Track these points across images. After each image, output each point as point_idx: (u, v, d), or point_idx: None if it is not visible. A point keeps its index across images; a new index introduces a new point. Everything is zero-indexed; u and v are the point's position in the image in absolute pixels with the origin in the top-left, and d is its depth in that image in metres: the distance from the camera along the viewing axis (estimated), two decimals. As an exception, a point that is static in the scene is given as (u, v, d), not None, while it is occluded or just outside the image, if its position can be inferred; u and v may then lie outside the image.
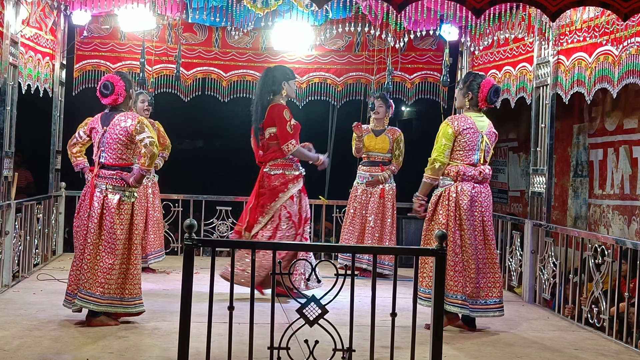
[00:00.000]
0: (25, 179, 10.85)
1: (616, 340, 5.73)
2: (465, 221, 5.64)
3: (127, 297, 5.44)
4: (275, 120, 6.60)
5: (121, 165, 5.46)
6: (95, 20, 8.87)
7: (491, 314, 5.74)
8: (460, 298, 5.60)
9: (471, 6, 5.26)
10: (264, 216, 6.64)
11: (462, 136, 5.66)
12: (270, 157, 6.69)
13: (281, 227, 6.61)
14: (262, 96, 6.70)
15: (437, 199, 5.74)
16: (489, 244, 5.73)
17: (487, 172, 5.77)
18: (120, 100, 5.51)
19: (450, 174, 5.70)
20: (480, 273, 5.69)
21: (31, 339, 5.01)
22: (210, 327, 3.80)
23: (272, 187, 6.65)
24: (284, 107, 6.63)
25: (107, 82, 5.49)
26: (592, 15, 6.31)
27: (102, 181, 5.44)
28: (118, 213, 5.41)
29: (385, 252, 7.71)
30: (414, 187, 5.92)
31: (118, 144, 5.44)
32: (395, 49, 8.87)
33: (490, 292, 5.72)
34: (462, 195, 5.65)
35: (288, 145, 6.59)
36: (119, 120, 5.45)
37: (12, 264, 6.84)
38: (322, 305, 3.80)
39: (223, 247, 5.58)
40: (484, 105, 5.77)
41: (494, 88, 5.72)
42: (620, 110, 8.29)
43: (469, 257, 5.65)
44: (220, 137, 14.41)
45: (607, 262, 5.86)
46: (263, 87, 6.72)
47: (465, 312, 5.64)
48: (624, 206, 8.15)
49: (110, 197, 5.41)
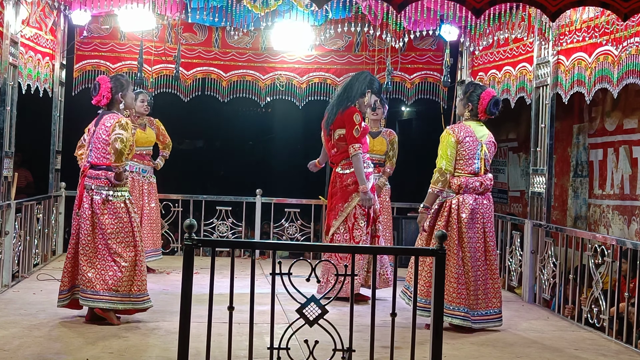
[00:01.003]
0: (25, 179, 10.84)
1: (616, 340, 5.73)
2: (465, 234, 5.63)
3: (135, 293, 5.52)
4: (345, 122, 6.54)
5: (107, 165, 5.54)
6: (95, 20, 8.87)
7: (491, 324, 5.76)
8: (463, 311, 5.60)
9: (471, 6, 5.26)
10: (337, 218, 6.61)
11: (462, 145, 5.66)
12: (341, 157, 6.63)
13: (359, 225, 6.56)
14: (349, 98, 6.60)
15: (438, 210, 5.74)
16: (489, 255, 5.72)
17: (488, 183, 5.76)
18: (104, 102, 5.62)
19: (452, 186, 5.69)
20: (480, 284, 5.69)
21: (31, 339, 5.01)
22: (210, 327, 3.79)
23: (343, 186, 6.59)
24: (355, 110, 6.56)
25: (96, 83, 5.66)
26: (592, 15, 6.30)
27: (89, 181, 5.56)
28: (107, 212, 5.50)
29: (385, 252, 7.70)
30: (413, 187, 5.93)
31: (102, 144, 5.55)
32: (395, 49, 8.88)
33: (490, 302, 5.72)
34: (464, 207, 5.64)
35: (354, 146, 6.51)
36: (105, 121, 5.58)
37: (12, 264, 6.84)
38: (322, 305, 3.80)
39: (223, 247, 5.58)
40: (484, 117, 5.77)
41: (494, 100, 5.72)
42: (620, 111, 8.29)
43: (469, 269, 5.65)
44: (220, 137, 14.44)
45: (607, 262, 5.86)
46: (352, 90, 6.63)
47: (467, 324, 5.63)
48: (623, 206, 8.15)
49: (95, 197, 5.52)
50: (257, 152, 14.81)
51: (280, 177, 12.88)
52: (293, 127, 12.75)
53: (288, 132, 13.20)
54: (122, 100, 5.69)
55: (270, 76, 9.35)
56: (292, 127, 12.81)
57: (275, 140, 14.25)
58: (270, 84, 9.35)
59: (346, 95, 6.63)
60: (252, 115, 13.68)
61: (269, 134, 14.49)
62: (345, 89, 6.68)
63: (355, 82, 6.66)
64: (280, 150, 13.59)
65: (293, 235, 9.37)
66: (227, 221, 9.33)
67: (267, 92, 9.37)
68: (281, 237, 9.36)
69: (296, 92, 9.38)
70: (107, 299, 5.43)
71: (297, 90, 9.38)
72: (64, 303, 5.58)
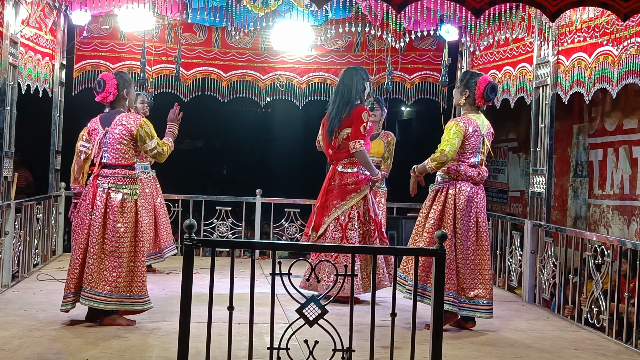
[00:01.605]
0: (25, 179, 10.84)
1: (616, 340, 5.73)
2: (459, 220, 5.66)
3: (135, 294, 5.50)
4: (352, 120, 6.45)
5: (123, 165, 5.50)
6: (95, 21, 8.87)
7: (478, 314, 5.73)
8: (452, 296, 5.61)
9: (471, 6, 5.26)
10: (329, 215, 6.52)
11: (468, 139, 5.68)
12: (345, 156, 6.54)
13: (353, 226, 6.49)
14: (352, 97, 6.52)
15: (434, 195, 5.76)
16: (481, 245, 5.73)
17: (484, 174, 5.80)
18: (110, 98, 5.55)
19: (450, 172, 5.71)
20: (469, 272, 5.69)
21: (31, 339, 5.01)
22: (210, 327, 3.80)
23: (343, 184, 6.54)
24: (364, 109, 6.51)
25: (100, 80, 5.58)
26: (591, 15, 6.31)
27: (104, 180, 5.48)
28: (121, 211, 5.45)
29: (385, 252, 7.70)
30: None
31: (121, 144, 5.48)
32: (395, 49, 8.87)
33: (480, 292, 5.71)
34: (460, 194, 5.67)
35: (356, 143, 6.40)
36: (120, 120, 5.50)
37: (11, 264, 6.84)
38: (321, 305, 3.81)
39: (223, 247, 5.57)
40: (482, 103, 5.77)
41: (491, 85, 5.74)
42: (620, 111, 8.29)
43: (459, 255, 5.66)
44: (220, 137, 14.44)
45: (607, 262, 5.86)
46: (353, 88, 6.55)
47: (454, 310, 5.64)
48: (623, 206, 8.15)
49: (112, 195, 5.45)
50: (257, 152, 14.81)
51: (280, 177, 12.88)
52: (293, 127, 12.75)
53: (288, 132, 13.19)
54: (127, 97, 5.67)
55: (270, 76, 9.35)
56: (292, 127, 12.81)
57: (275, 140, 14.25)
58: (270, 84, 9.35)
59: (349, 94, 6.54)
60: (252, 115, 13.68)
61: (268, 134, 14.50)
62: (347, 88, 6.57)
63: (352, 79, 6.57)
64: (280, 150, 13.59)
65: (293, 235, 9.37)
66: (227, 221, 9.33)
67: (267, 92, 9.37)
68: (281, 237, 9.36)
69: (296, 92, 9.38)
70: (108, 299, 5.39)
71: (297, 90, 9.38)
72: (68, 307, 5.48)
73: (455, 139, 5.64)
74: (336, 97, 6.63)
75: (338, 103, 6.58)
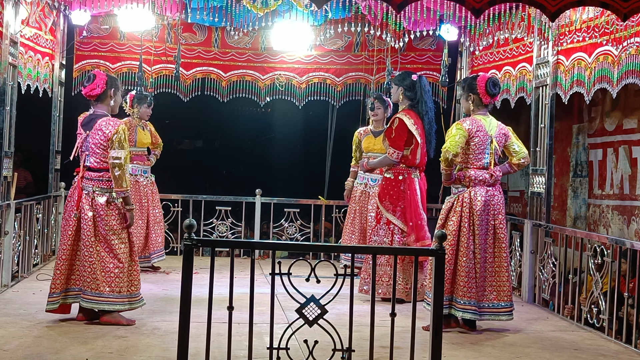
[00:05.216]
0: (24, 179, 10.83)
1: (616, 341, 5.73)
2: (477, 226, 5.65)
3: (134, 292, 5.56)
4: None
5: (106, 168, 5.51)
6: (94, 21, 8.87)
7: (499, 317, 5.73)
8: (473, 304, 5.60)
9: (471, 6, 5.26)
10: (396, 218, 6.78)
11: (472, 139, 5.67)
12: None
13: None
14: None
15: (450, 205, 5.74)
16: (499, 247, 5.72)
17: (497, 175, 5.79)
18: (97, 91, 5.55)
19: (464, 180, 5.70)
20: (489, 277, 5.69)
21: (30, 338, 5.02)
22: (209, 327, 3.80)
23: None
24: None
25: (91, 74, 5.63)
26: (591, 15, 6.31)
27: (88, 183, 5.52)
28: (108, 213, 5.48)
29: (385, 252, 7.70)
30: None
31: (101, 149, 5.49)
32: (394, 49, 8.87)
33: (499, 295, 5.70)
34: (476, 199, 5.66)
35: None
36: (101, 126, 5.48)
37: (11, 264, 6.85)
38: (321, 305, 3.80)
39: (222, 247, 5.59)
40: (488, 100, 5.76)
41: (491, 80, 5.75)
42: (619, 111, 8.29)
43: (478, 261, 5.65)
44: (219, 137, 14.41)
45: (607, 262, 5.86)
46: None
47: (476, 318, 5.63)
48: (623, 206, 8.15)
49: (97, 199, 5.49)
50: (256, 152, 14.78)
51: (280, 177, 12.87)
52: (293, 127, 12.73)
53: (288, 132, 13.17)
54: (113, 97, 5.65)
55: (269, 76, 9.35)
56: (291, 127, 12.79)
57: (275, 140, 14.23)
58: (269, 84, 9.35)
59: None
60: (252, 115, 13.66)
61: (268, 134, 14.47)
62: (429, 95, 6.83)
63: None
64: (280, 150, 13.56)
65: (293, 235, 9.37)
66: (227, 221, 9.33)
67: (267, 92, 9.37)
68: (281, 237, 9.36)
69: (296, 92, 9.38)
70: (111, 300, 5.42)
71: (296, 90, 9.38)
72: (53, 307, 5.51)
73: (457, 136, 5.64)
74: (426, 104, 6.74)
75: (431, 110, 6.79)
